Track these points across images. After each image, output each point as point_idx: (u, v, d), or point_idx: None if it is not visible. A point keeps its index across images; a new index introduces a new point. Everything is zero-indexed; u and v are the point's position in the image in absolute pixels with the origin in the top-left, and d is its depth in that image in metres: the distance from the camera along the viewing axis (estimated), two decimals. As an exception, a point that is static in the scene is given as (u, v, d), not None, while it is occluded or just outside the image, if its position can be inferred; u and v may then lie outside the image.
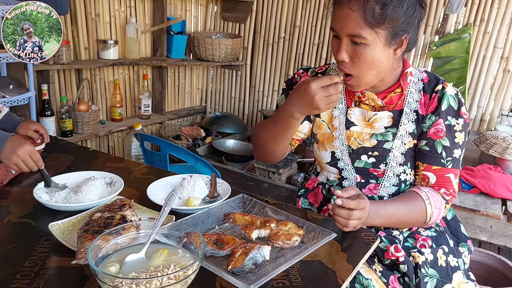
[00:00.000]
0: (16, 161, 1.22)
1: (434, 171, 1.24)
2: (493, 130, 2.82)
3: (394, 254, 1.18)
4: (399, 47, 1.15)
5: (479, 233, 2.05)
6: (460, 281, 1.23)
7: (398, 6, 1.08)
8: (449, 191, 1.24)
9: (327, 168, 1.35)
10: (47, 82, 2.64)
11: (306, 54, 3.57)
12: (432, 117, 1.23)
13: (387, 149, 1.26)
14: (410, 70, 1.25)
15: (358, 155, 1.29)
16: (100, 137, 3.11)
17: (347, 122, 1.30)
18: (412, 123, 1.25)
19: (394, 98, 1.25)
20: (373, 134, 1.27)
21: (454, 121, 1.22)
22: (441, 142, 1.22)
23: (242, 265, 0.92)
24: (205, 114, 4.09)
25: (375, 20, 1.07)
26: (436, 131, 1.22)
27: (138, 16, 3.26)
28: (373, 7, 1.06)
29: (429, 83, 1.26)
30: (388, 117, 1.26)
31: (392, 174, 1.28)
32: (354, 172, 1.31)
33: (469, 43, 2.97)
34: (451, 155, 1.23)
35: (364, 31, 1.08)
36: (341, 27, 1.11)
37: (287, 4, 3.55)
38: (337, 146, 1.31)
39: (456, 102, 1.23)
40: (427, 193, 1.21)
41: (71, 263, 0.90)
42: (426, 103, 1.24)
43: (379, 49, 1.11)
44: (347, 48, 1.12)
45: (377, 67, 1.14)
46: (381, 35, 1.10)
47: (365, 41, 1.09)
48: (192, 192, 1.26)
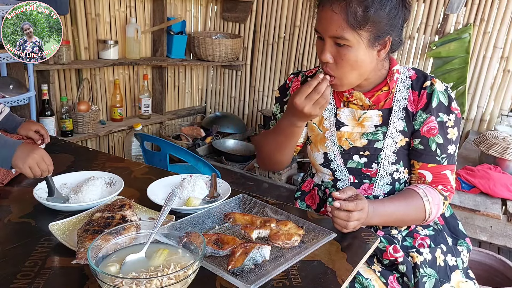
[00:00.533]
0: (31, 163, 1.20)
1: (430, 169, 1.24)
2: (493, 130, 2.82)
3: (392, 255, 1.18)
4: (382, 48, 1.16)
5: (479, 233, 2.05)
6: (459, 280, 1.23)
7: (380, 8, 1.08)
8: (446, 187, 1.24)
9: (321, 170, 1.35)
10: (47, 82, 2.64)
11: (306, 54, 3.57)
12: (423, 115, 1.23)
13: (378, 149, 1.26)
14: (396, 68, 1.25)
15: (350, 155, 1.29)
16: (100, 137, 3.11)
17: (337, 123, 1.30)
18: (402, 121, 1.25)
19: (381, 96, 1.26)
20: (363, 133, 1.28)
21: (446, 117, 1.22)
22: (434, 140, 1.22)
23: (242, 265, 0.92)
24: (205, 114, 4.09)
25: (357, 23, 1.08)
26: (429, 129, 1.22)
27: (138, 16, 3.26)
28: (355, 9, 1.07)
29: (417, 80, 1.26)
30: (377, 115, 1.27)
31: (385, 173, 1.27)
32: (347, 173, 1.31)
33: (469, 43, 2.97)
34: (445, 151, 1.23)
35: (346, 33, 1.09)
36: (324, 29, 1.12)
37: (287, 4, 3.55)
38: (329, 147, 1.31)
39: (446, 97, 1.22)
40: (424, 190, 1.21)
41: (71, 263, 0.90)
42: (415, 100, 1.24)
43: (362, 51, 1.12)
44: (330, 50, 1.13)
45: (360, 68, 1.15)
46: (364, 37, 1.10)
47: (348, 43, 1.10)
48: (192, 192, 1.26)
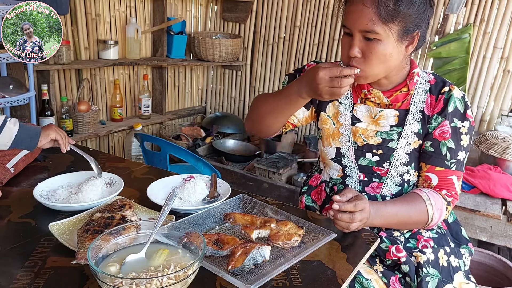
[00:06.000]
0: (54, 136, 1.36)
1: (437, 173, 1.24)
2: (493, 130, 2.82)
3: (395, 254, 1.17)
4: (410, 44, 1.17)
5: (479, 233, 2.05)
6: (461, 282, 1.23)
7: (410, 2, 1.10)
8: (450, 192, 1.24)
9: (331, 165, 1.35)
10: (47, 82, 2.63)
11: (306, 54, 3.56)
12: (438, 118, 1.23)
13: (392, 148, 1.26)
14: (417, 70, 1.26)
15: (363, 153, 1.29)
16: (100, 137, 3.11)
17: (353, 119, 1.30)
18: (417, 123, 1.25)
19: (400, 97, 1.26)
20: (378, 131, 1.28)
21: (460, 123, 1.23)
22: (446, 144, 1.22)
23: (242, 265, 0.92)
24: (205, 114, 4.09)
25: (388, 16, 1.08)
26: (442, 132, 1.22)
27: (138, 16, 3.26)
28: (386, 2, 1.08)
29: (435, 85, 1.26)
30: (394, 115, 1.27)
31: (395, 173, 1.27)
32: (358, 170, 1.31)
33: (469, 43, 2.97)
34: (455, 157, 1.23)
35: (377, 26, 1.09)
36: (353, 23, 1.12)
37: (287, 4, 3.55)
38: (343, 142, 1.31)
39: (463, 105, 1.23)
40: (428, 194, 1.20)
41: (71, 263, 0.90)
42: (432, 104, 1.25)
43: (391, 45, 1.12)
44: (359, 44, 1.13)
45: (388, 62, 1.15)
46: (394, 30, 1.11)
47: (378, 37, 1.10)
48: (192, 192, 1.26)
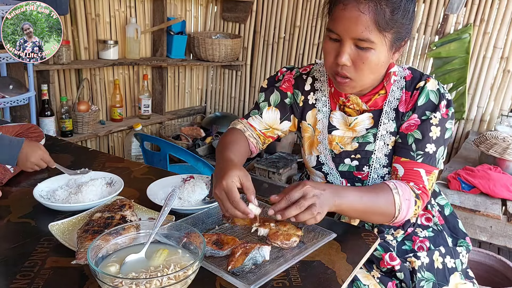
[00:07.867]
0: (31, 166, 1.34)
1: (402, 163, 1.18)
2: (493, 130, 2.82)
3: (389, 263, 1.15)
4: (397, 51, 1.13)
5: (479, 233, 2.05)
6: (458, 283, 1.22)
7: (406, 10, 1.06)
8: (418, 185, 1.17)
9: (314, 172, 1.33)
10: (47, 82, 2.64)
11: (306, 54, 3.57)
12: (410, 113, 1.19)
13: (370, 151, 1.23)
14: (393, 70, 1.21)
15: (341, 159, 1.26)
16: (100, 137, 3.11)
17: (329, 126, 1.27)
18: (392, 122, 1.21)
19: (379, 100, 1.22)
20: (354, 137, 1.24)
21: (431, 114, 1.17)
22: (412, 135, 1.17)
23: (242, 265, 0.92)
24: (205, 114, 4.09)
25: (385, 24, 1.03)
26: (409, 125, 1.18)
27: (138, 16, 3.26)
28: (384, 10, 1.02)
29: (411, 81, 1.22)
30: (368, 118, 1.23)
31: (376, 176, 1.24)
32: (339, 176, 1.28)
33: (469, 43, 2.97)
34: (422, 149, 1.16)
35: (373, 35, 1.03)
36: (346, 30, 1.04)
37: (287, 4, 3.55)
38: (321, 150, 1.28)
39: (437, 96, 1.18)
40: (395, 183, 1.13)
41: (71, 263, 0.90)
42: (407, 100, 1.20)
43: (383, 54, 1.08)
44: (350, 52, 1.06)
45: (378, 71, 1.12)
46: (388, 39, 1.06)
47: (371, 46, 1.05)
48: (192, 192, 1.26)
